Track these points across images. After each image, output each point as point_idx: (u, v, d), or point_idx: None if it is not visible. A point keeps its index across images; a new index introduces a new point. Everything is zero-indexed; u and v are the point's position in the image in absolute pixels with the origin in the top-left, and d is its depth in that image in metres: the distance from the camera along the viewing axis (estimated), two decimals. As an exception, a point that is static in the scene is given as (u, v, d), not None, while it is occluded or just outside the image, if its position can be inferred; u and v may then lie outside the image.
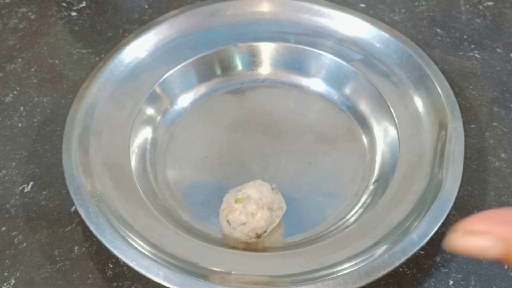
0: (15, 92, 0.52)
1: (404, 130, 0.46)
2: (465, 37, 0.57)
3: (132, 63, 0.50)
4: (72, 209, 0.44)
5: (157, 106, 0.50)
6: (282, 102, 0.52)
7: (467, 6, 0.60)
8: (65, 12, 0.60)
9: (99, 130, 0.45)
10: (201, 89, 0.52)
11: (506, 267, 0.41)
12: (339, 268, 0.38)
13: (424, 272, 0.41)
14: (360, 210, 0.44)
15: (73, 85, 0.53)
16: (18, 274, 0.41)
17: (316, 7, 0.53)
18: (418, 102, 0.47)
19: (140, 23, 0.57)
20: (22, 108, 0.51)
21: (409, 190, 0.42)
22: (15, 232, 0.43)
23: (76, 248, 0.43)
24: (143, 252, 0.38)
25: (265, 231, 0.41)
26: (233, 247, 0.41)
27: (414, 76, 0.49)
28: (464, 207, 0.45)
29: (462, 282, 0.41)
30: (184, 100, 0.51)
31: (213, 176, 0.47)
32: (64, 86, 0.53)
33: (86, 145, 0.44)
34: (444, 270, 0.41)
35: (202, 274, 0.37)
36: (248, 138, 0.49)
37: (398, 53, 0.50)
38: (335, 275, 0.37)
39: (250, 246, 0.42)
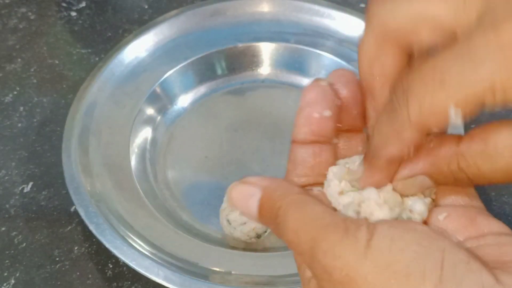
0: (15, 92, 0.52)
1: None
2: (465, 37, 0.57)
3: (132, 63, 0.50)
4: (72, 209, 0.44)
5: (157, 106, 0.50)
6: (282, 102, 0.52)
7: (467, 6, 0.60)
8: (64, 12, 0.60)
9: (99, 130, 0.45)
10: (201, 89, 0.52)
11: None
12: (339, 268, 0.38)
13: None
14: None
15: (73, 85, 0.52)
16: (17, 274, 0.41)
17: (316, 7, 0.53)
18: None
19: (140, 23, 0.57)
20: (22, 108, 0.51)
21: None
22: (14, 232, 0.43)
23: (76, 248, 0.42)
24: (143, 252, 0.38)
25: (265, 231, 0.41)
26: (233, 247, 0.41)
27: (414, 76, 0.49)
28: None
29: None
30: (184, 100, 0.51)
31: (213, 176, 0.47)
32: (64, 86, 0.53)
33: (86, 145, 0.44)
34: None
35: (202, 274, 0.37)
36: (248, 138, 0.49)
37: (398, 53, 0.50)
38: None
39: (250, 246, 0.42)
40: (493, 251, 0.21)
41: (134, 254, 0.38)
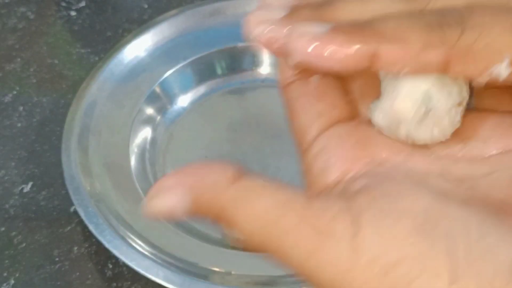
0: (15, 92, 0.52)
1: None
2: (465, 37, 0.57)
3: (132, 63, 0.50)
4: (72, 209, 0.44)
5: (156, 106, 0.49)
6: (282, 102, 0.52)
7: (467, 6, 0.60)
8: (64, 12, 0.60)
9: (98, 130, 0.45)
10: (201, 89, 0.52)
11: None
12: (339, 268, 0.38)
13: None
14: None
15: (72, 85, 0.52)
16: (17, 275, 0.41)
17: (316, 7, 0.53)
18: (419, 102, 0.47)
19: (140, 23, 0.57)
20: (21, 108, 0.51)
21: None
22: (14, 233, 0.43)
23: (75, 248, 0.42)
24: (142, 252, 0.38)
25: (265, 231, 0.41)
26: (233, 247, 0.41)
27: (414, 76, 0.49)
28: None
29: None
30: (184, 100, 0.51)
31: (213, 176, 0.46)
32: (64, 86, 0.53)
33: (86, 145, 0.44)
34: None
35: (202, 274, 0.37)
36: (248, 138, 0.49)
37: (398, 53, 0.50)
38: (335, 275, 0.37)
39: (250, 246, 0.42)
40: None
41: (134, 254, 0.38)
